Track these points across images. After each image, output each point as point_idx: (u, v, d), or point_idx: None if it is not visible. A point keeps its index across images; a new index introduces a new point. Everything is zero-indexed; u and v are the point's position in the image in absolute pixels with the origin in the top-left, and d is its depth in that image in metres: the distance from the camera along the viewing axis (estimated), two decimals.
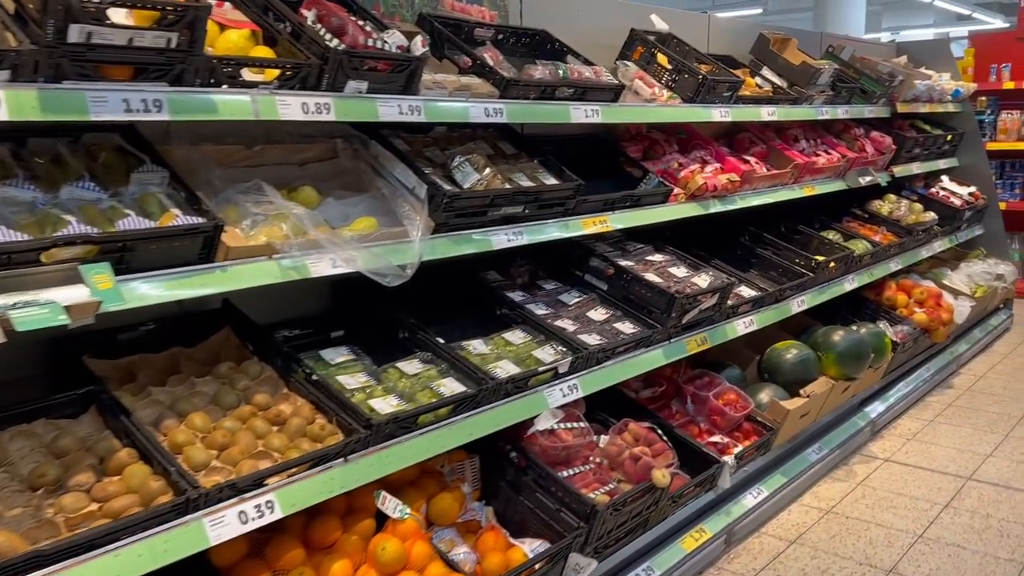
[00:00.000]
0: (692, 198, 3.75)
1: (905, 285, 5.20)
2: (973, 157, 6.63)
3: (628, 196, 3.37)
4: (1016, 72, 7.74)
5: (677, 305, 3.17)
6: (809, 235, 4.73)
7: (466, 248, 2.66)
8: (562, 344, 2.87)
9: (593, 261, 3.40)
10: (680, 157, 3.91)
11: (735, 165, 4.02)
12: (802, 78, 4.56)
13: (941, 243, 5.79)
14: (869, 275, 4.80)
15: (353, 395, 2.28)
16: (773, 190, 4.31)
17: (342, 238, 2.28)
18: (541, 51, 3.46)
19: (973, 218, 6.39)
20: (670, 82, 3.77)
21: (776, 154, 4.53)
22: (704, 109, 3.75)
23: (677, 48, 4.10)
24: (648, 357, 3.14)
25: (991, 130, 7.87)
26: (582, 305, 3.24)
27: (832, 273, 4.43)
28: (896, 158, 5.57)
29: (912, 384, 4.91)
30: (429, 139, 2.94)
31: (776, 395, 3.72)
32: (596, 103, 3.15)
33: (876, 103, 5.30)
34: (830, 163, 4.76)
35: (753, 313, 3.79)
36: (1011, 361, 5.73)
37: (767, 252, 4.39)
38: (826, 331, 4.05)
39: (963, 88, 6.34)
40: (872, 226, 5.30)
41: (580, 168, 3.55)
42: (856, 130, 5.34)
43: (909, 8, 16.14)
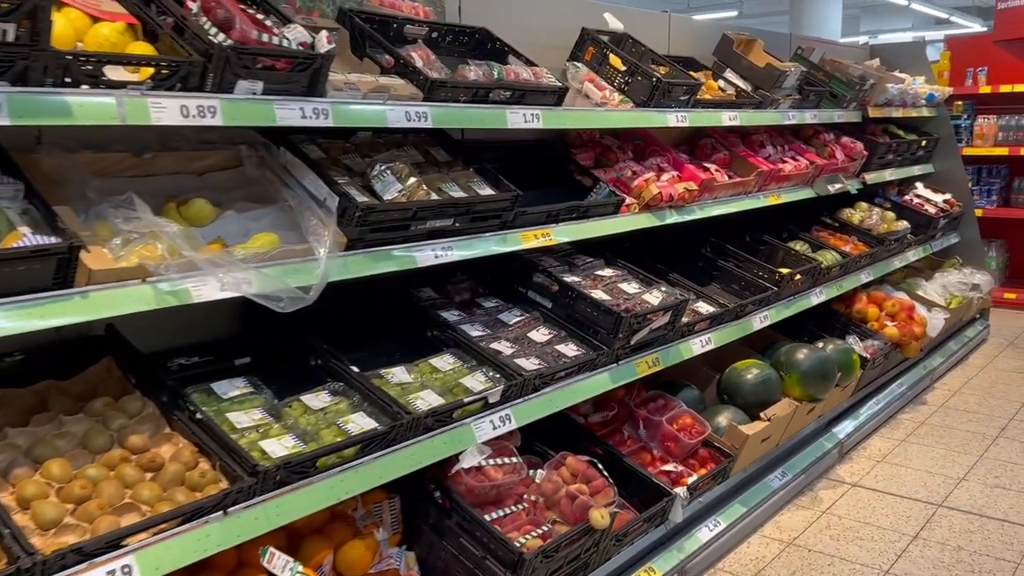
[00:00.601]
0: (647, 208, 3.52)
1: (876, 297, 4.99)
2: (948, 163, 6.45)
3: (575, 207, 3.13)
4: (993, 76, 7.58)
5: (624, 325, 2.94)
6: (775, 246, 4.51)
7: (386, 266, 2.41)
8: (496, 370, 2.62)
9: (537, 277, 3.15)
10: (634, 165, 3.67)
11: (693, 173, 3.79)
12: (767, 81, 4.34)
13: (915, 252, 5.60)
14: (838, 287, 4.59)
15: (244, 435, 2.02)
16: (736, 199, 4.08)
17: (231, 258, 2.02)
18: (481, 51, 3.22)
19: (948, 226, 6.20)
20: (623, 85, 3.53)
21: (740, 161, 4.31)
22: (659, 114, 3.51)
23: (632, 49, 3.86)
24: (592, 382, 2.89)
25: (967, 135, 7.70)
26: (523, 325, 3.00)
27: (798, 286, 4.21)
28: (868, 164, 5.36)
29: (883, 401, 4.70)
30: (350, 145, 2.69)
31: (735, 418, 3.49)
32: (536, 107, 2.91)
33: (847, 107, 5.09)
34: (797, 170, 4.55)
35: (711, 331, 3.55)
36: (986, 375, 5.53)
37: (729, 264, 4.17)
38: (789, 349, 3.83)
39: (938, 92, 6.15)
40: (842, 235, 5.09)
41: (526, 177, 3.32)
42: (825, 135, 5.13)
43: (887, 12, 16.04)
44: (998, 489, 3.80)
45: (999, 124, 7.54)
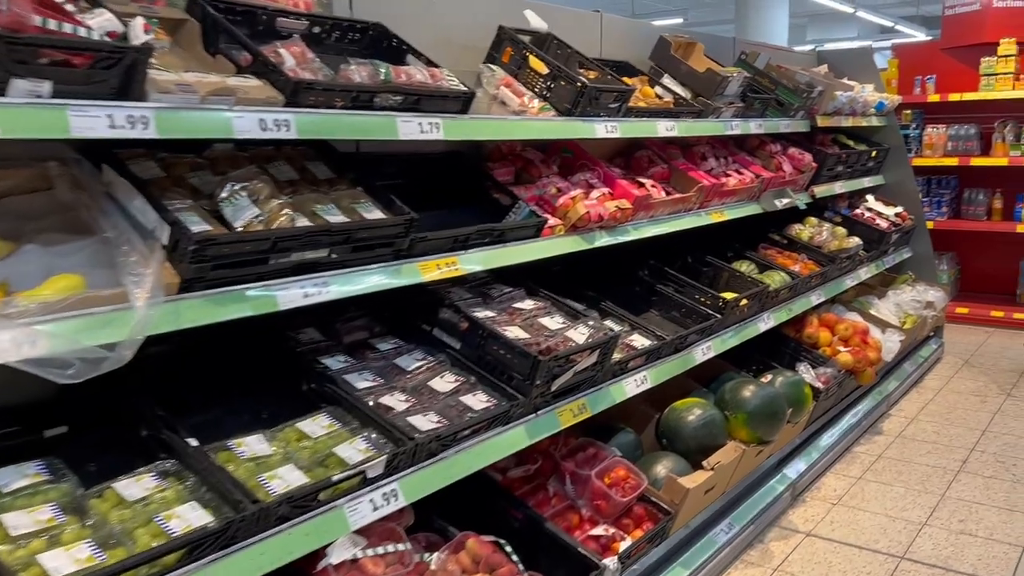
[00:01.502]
0: (573, 230, 3.10)
1: (828, 320, 4.64)
2: (899, 174, 6.17)
3: (487, 231, 2.69)
4: (941, 84, 7.37)
5: (542, 369, 2.50)
6: (719, 268, 4.13)
7: (236, 310, 1.94)
8: (382, 433, 2.16)
9: (443, 312, 2.71)
10: (560, 181, 3.25)
11: (627, 190, 3.38)
12: (708, 88, 3.96)
13: (867, 270, 5.28)
14: (787, 311, 4.22)
15: (19, 546, 1.53)
16: (675, 217, 3.69)
17: (6, 310, 1.54)
18: (377, 50, 2.77)
19: (900, 240, 5.91)
20: (545, 91, 3.11)
21: (679, 175, 3.92)
22: (585, 124, 3.10)
23: (558, 51, 3.45)
24: (504, 439, 2.45)
25: (916, 145, 7.47)
26: (425, 371, 2.54)
27: (744, 312, 3.82)
28: (817, 177, 5.03)
29: (837, 434, 4.34)
30: (202, 160, 2.22)
31: (675, 468, 3.08)
32: (436, 115, 2.46)
33: (794, 116, 4.75)
34: (742, 184, 4.18)
35: (647, 368, 3.14)
36: (943, 399, 5.22)
37: (669, 289, 3.77)
38: (735, 386, 3.43)
39: (887, 100, 5.87)
40: (791, 253, 4.74)
41: (436, 195, 2.90)
42: (772, 146, 4.78)
43: (833, 21, 15.99)
44: (964, 536, 3.45)
45: (948, 134, 7.32)
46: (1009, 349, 6.35)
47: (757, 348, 4.21)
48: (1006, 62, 6.94)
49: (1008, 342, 6.58)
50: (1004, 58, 6.95)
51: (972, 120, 7.31)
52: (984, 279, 7.66)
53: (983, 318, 7.12)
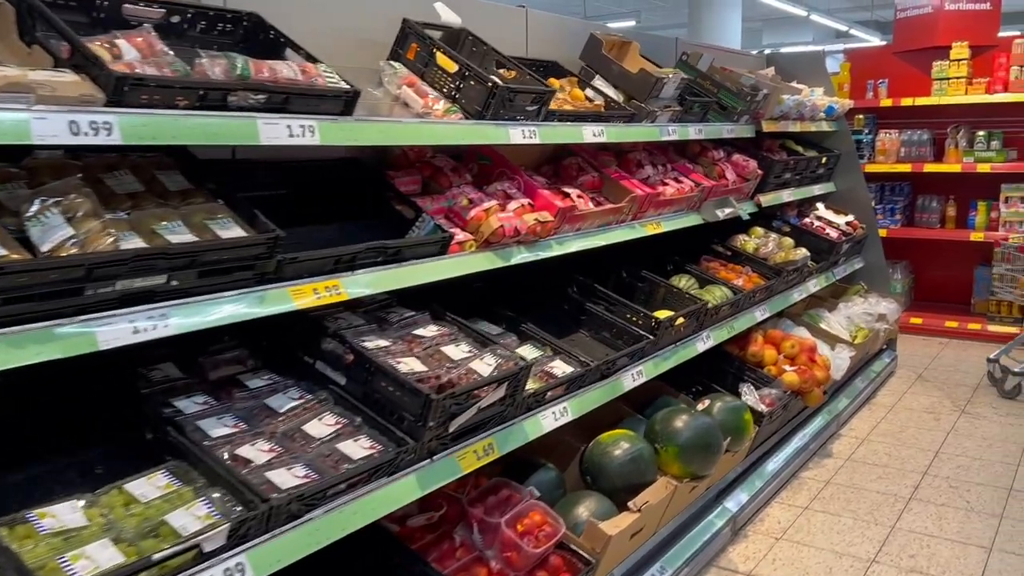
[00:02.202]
0: (487, 245, 2.79)
1: (773, 337, 4.39)
2: (850, 181, 5.96)
3: (380, 248, 2.37)
4: (893, 88, 7.20)
5: (435, 409, 2.18)
6: (655, 283, 3.84)
7: (38, 352, 1.60)
8: (232, 492, 1.83)
9: (327, 343, 2.38)
10: (473, 191, 2.94)
11: (549, 201, 3.08)
12: (641, 90, 3.68)
13: (816, 282, 5.04)
14: (729, 329, 3.95)
15: None
16: (605, 230, 3.40)
17: None
18: (252, 43, 2.44)
19: (852, 250, 5.69)
20: (453, 91, 2.80)
21: (611, 184, 3.63)
22: (497, 128, 2.79)
23: (473, 48, 3.14)
24: (389, 493, 2.13)
25: (869, 150, 7.29)
26: (301, 412, 2.21)
27: (680, 332, 3.54)
28: (763, 185, 4.78)
29: (783, 459, 4.08)
30: (16, 170, 1.87)
31: (599, 509, 2.78)
32: (310, 117, 2.14)
33: (737, 121, 4.50)
34: (680, 193, 3.90)
35: (568, 398, 2.84)
36: (896, 417, 5.00)
37: (599, 308, 3.48)
38: (666, 416, 3.14)
39: (838, 104, 5.65)
40: (735, 266, 4.48)
41: (328, 209, 2.60)
42: (714, 153, 4.52)
43: (788, 25, 15.93)
44: (914, 574, 3.19)
45: (901, 139, 7.15)
46: (963, 362, 6.17)
47: (698, 368, 3.95)
48: (958, 66, 6.78)
49: (962, 354, 6.40)
50: (956, 62, 6.79)
51: (925, 125, 7.16)
52: (939, 288, 7.51)
53: (937, 329, 6.94)
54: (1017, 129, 6.95)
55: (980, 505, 3.77)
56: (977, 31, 6.88)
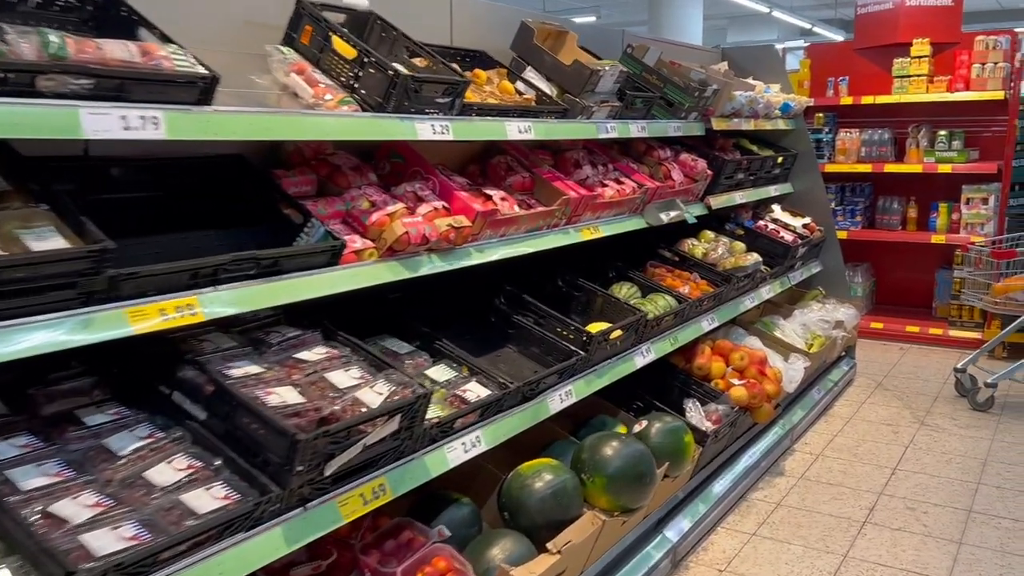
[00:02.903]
0: (391, 254, 2.48)
1: (722, 348, 4.12)
2: (808, 181, 5.72)
3: (250, 260, 2.04)
4: (854, 86, 6.98)
5: (305, 451, 1.87)
6: (592, 292, 3.55)
7: None
8: (31, 561, 1.50)
9: (185, 370, 2.05)
10: (377, 193, 2.62)
11: (466, 204, 2.77)
12: (575, 83, 3.38)
13: (770, 288, 4.78)
14: (672, 341, 3.67)
15: None
16: (535, 235, 3.10)
17: None
18: (105, 22, 2.10)
19: (809, 254, 5.45)
20: (352, 80, 2.48)
21: (543, 185, 3.33)
22: (402, 122, 2.48)
23: (382, 33, 2.83)
24: (247, 551, 1.80)
25: (830, 150, 7.07)
26: (148, 454, 1.88)
27: (616, 347, 3.25)
28: (714, 186, 4.51)
29: (731, 479, 3.81)
30: None
31: (515, 551, 2.47)
32: (155, 106, 1.81)
33: (686, 118, 4.22)
34: (621, 195, 3.61)
35: (482, 426, 2.54)
36: (853, 429, 4.76)
37: (528, 321, 3.18)
38: (595, 443, 2.85)
39: (794, 102, 5.40)
40: (682, 272, 4.20)
41: (203, 213, 2.28)
42: (660, 152, 4.24)
43: (753, 23, 15.76)
44: None
45: (862, 138, 6.94)
46: (923, 368, 5.96)
47: (642, 382, 3.67)
48: (919, 63, 6.58)
49: (923, 360, 6.19)
50: (917, 59, 6.59)
51: (886, 124, 6.96)
52: (900, 291, 7.32)
53: (898, 334, 6.74)
54: (978, 128, 6.77)
55: (938, 529, 3.52)
56: (938, 27, 6.69)
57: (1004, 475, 4.07)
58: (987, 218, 6.39)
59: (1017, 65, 6.23)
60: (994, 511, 3.69)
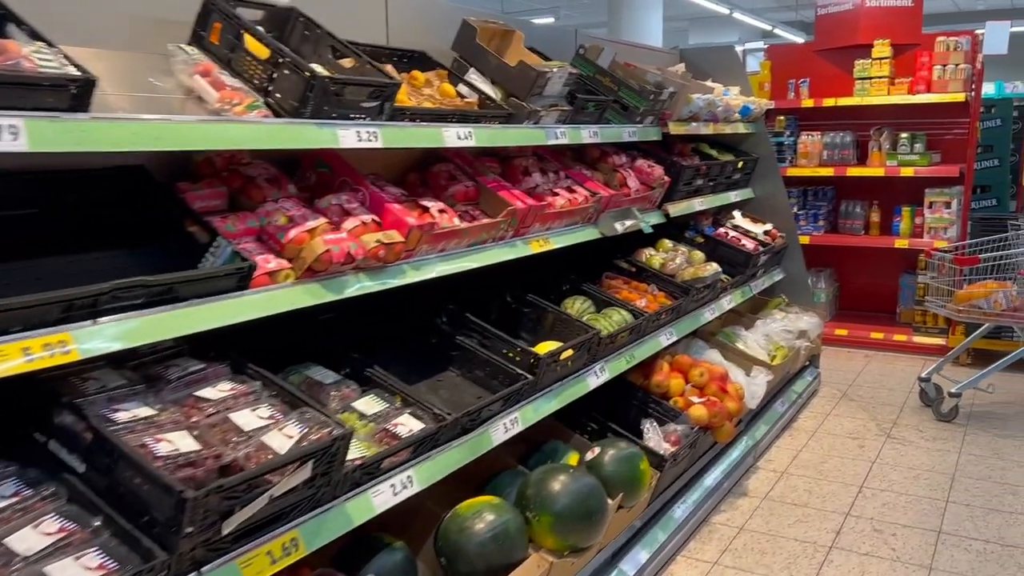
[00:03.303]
0: (310, 275, 2.23)
1: (681, 364, 3.92)
2: (770, 186, 5.56)
3: (140, 287, 1.79)
4: (815, 88, 6.85)
5: (195, 511, 1.62)
6: (542, 309, 3.33)
7: None
8: None
9: (63, 415, 1.79)
10: (297, 207, 2.38)
11: (399, 217, 2.53)
12: (521, 86, 3.17)
13: (731, 298, 4.60)
14: (628, 359, 3.46)
15: None
16: (478, 249, 2.87)
17: None
18: None
19: (771, 261, 5.29)
20: (265, 83, 2.24)
21: (488, 195, 3.11)
22: (320, 129, 2.24)
23: (305, 32, 2.58)
24: None
25: (791, 153, 6.93)
26: (11, 516, 1.62)
27: (567, 367, 3.04)
28: (672, 193, 4.32)
29: (692, 503, 3.61)
30: None
31: None
32: (13, 114, 1.55)
33: (641, 122, 4.02)
34: (573, 205, 3.40)
35: (414, 464, 2.30)
36: (818, 444, 4.60)
37: (472, 342, 2.95)
38: (542, 477, 2.63)
39: (754, 104, 5.24)
40: (640, 284, 4.00)
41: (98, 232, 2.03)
42: (615, 158, 4.04)
43: (714, 25, 15.70)
44: None
45: (824, 141, 6.81)
46: (888, 377, 5.83)
47: (599, 400, 3.46)
48: (880, 65, 6.46)
49: (887, 368, 6.07)
50: (878, 60, 6.47)
51: (848, 127, 6.84)
52: (864, 297, 7.21)
53: (862, 340, 6.62)
54: (940, 131, 6.68)
55: (907, 554, 3.36)
56: (899, 29, 6.58)
57: (972, 491, 3.92)
58: (950, 222, 6.29)
59: (978, 66, 6.13)
60: (964, 531, 3.53)
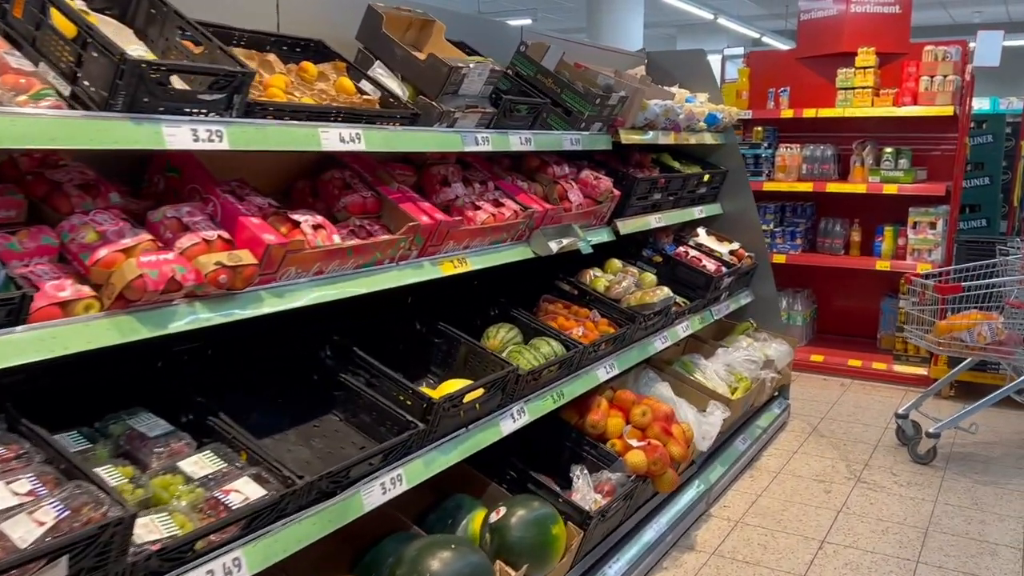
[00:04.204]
0: (123, 305, 1.80)
1: (623, 400, 3.49)
2: (740, 202, 5.14)
3: None
4: (796, 98, 6.44)
5: None
6: (455, 340, 2.90)
7: None
8: None
9: None
10: (111, 220, 1.94)
11: (255, 234, 2.10)
12: (432, 83, 2.74)
13: (688, 324, 4.18)
14: (555, 397, 3.04)
15: None
16: (370, 272, 2.44)
17: None
18: None
19: (737, 284, 4.87)
20: (73, 67, 1.81)
21: (390, 208, 2.68)
22: (136, 125, 1.80)
23: (151, 10, 2.15)
24: None
25: (769, 166, 6.51)
26: None
27: (474, 412, 2.61)
28: (623, 208, 3.90)
29: (626, 562, 3.17)
30: None
31: None
32: None
33: (587, 128, 3.60)
34: (498, 221, 2.98)
35: (245, 543, 1.86)
36: (780, 487, 4.17)
37: (359, 381, 2.52)
38: (416, 556, 2.19)
39: (723, 113, 4.82)
40: (581, 309, 3.58)
41: None
42: (556, 168, 3.61)
43: (703, 32, 15.31)
44: None
45: (803, 155, 6.39)
46: (864, 410, 5.41)
47: (532, 439, 3.04)
48: (864, 75, 6.06)
49: (864, 399, 5.65)
50: (862, 70, 6.07)
51: (829, 140, 6.43)
52: (843, 320, 6.79)
53: (839, 368, 6.19)
54: (927, 146, 6.28)
55: None
56: (885, 37, 6.18)
57: (947, 550, 3.50)
58: (935, 244, 5.88)
59: (967, 78, 5.73)
60: None
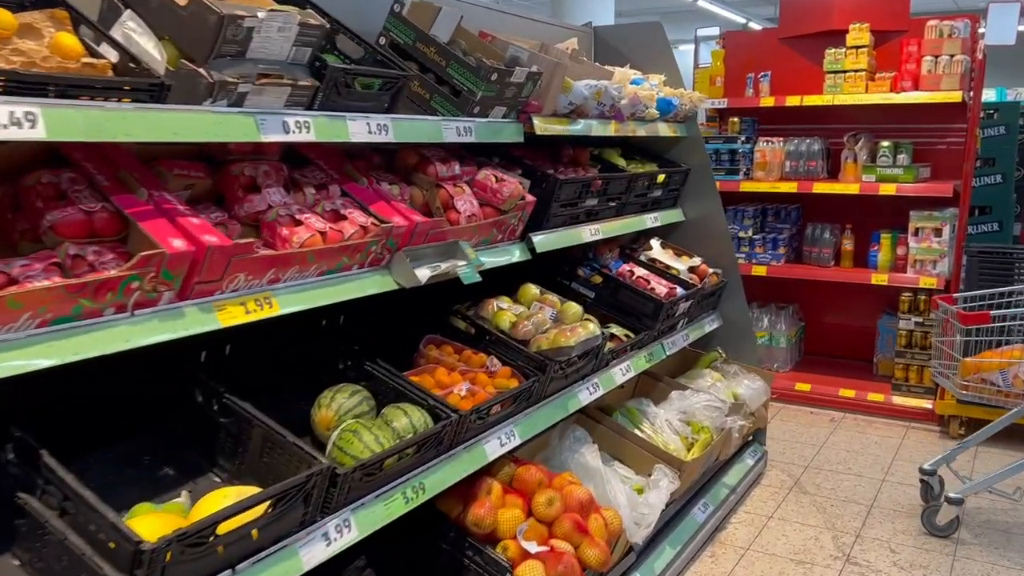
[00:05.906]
0: None
1: (525, 482, 2.59)
2: (706, 206, 4.24)
3: None
4: (778, 84, 5.55)
5: None
6: (245, 420, 1.99)
7: None
8: None
9: None
10: None
11: None
12: (198, 39, 1.84)
13: (629, 364, 3.28)
14: (407, 496, 2.12)
15: None
16: (71, 331, 1.55)
17: None
18: None
19: (700, 307, 3.97)
20: None
21: (134, 228, 1.78)
22: None
23: None
24: None
25: (747, 164, 5.60)
26: None
27: (248, 543, 1.70)
28: (542, 217, 3.01)
29: None
30: None
31: None
32: None
33: (485, 114, 2.70)
34: (330, 241, 2.09)
35: None
36: (748, 571, 3.27)
37: (48, 505, 1.62)
38: None
39: (680, 99, 3.92)
40: (476, 354, 2.68)
41: None
42: (440, 167, 2.71)
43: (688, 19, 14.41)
44: None
45: (787, 150, 5.49)
46: (858, 455, 4.51)
47: (388, 544, 2.15)
48: (856, 55, 5.16)
49: (858, 439, 4.75)
50: (854, 50, 5.17)
51: (816, 132, 5.53)
52: (834, 341, 5.89)
53: (829, 398, 5.29)
54: (930, 139, 5.38)
55: None
56: (881, 12, 5.29)
57: None
58: (940, 254, 4.98)
59: (979, 57, 4.83)
60: None
